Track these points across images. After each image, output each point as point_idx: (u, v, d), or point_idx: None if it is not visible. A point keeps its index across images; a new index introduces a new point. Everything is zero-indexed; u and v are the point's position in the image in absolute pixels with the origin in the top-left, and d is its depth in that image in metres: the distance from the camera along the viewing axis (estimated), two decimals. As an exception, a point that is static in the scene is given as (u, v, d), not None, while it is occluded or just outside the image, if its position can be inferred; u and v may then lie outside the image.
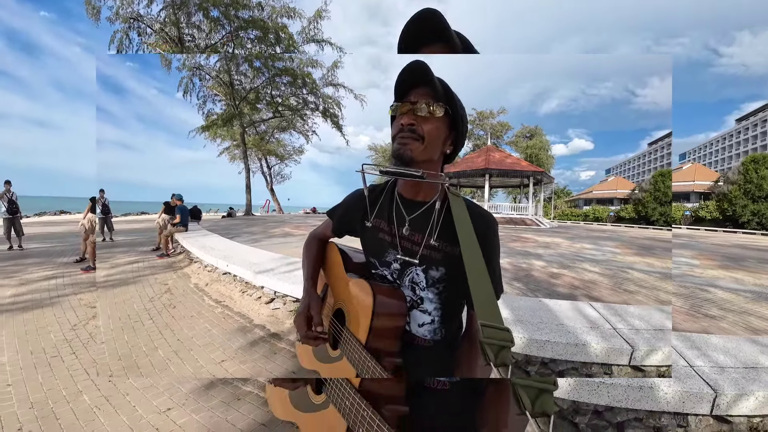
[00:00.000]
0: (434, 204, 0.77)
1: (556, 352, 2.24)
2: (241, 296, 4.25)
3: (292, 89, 19.23)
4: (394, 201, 0.83)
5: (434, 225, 0.76)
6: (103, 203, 9.51)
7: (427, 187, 0.79)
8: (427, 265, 0.76)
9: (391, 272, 0.80)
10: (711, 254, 8.99)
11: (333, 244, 0.99)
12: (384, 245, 0.81)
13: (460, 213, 0.73)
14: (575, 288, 4.31)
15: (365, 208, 0.86)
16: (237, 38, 16.68)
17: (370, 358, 0.66)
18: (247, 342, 3.14)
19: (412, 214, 0.79)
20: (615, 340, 2.24)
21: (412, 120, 0.71)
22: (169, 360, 2.81)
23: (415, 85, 0.72)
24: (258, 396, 2.34)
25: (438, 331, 0.77)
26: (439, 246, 0.75)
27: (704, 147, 77.27)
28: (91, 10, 15.01)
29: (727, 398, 1.74)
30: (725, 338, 2.42)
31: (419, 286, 0.77)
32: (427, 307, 0.77)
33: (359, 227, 0.89)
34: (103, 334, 3.26)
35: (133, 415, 2.12)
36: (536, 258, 6.74)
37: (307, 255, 0.99)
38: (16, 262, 6.46)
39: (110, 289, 4.68)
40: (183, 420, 2.09)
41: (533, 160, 33.36)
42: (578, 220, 34.70)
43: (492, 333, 0.53)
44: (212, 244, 6.31)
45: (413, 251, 0.77)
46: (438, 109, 0.71)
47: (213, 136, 22.10)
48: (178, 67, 17.79)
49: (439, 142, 0.74)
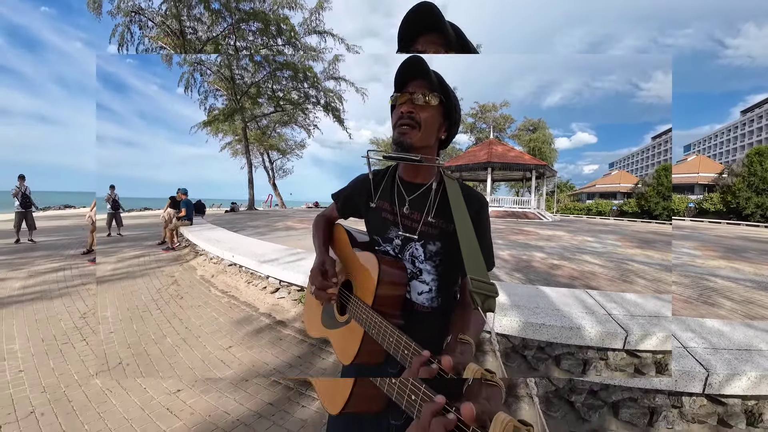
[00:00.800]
0: (431, 185, 0.86)
1: (551, 335, 2.30)
2: (247, 286, 4.33)
3: (294, 83, 19.16)
4: (396, 184, 0.91)
5: (431, 204, 0.85)
6: (114, 199, 9.61)
7: (425, 171, 0.87)
8: (425, 240, 0.84)
9: (393, 247, 0.88)
10: (713, 245, 8.99)
11: (339, 225, 1.07)
12: (387, 223, 0.89)
13: (455, 193, 0.82)
14: (574, 279, 4.36)
15: (369, 190, 0.95)
16: (238, 30, 16.62)
17: (376, 315, 0.74)
18: (253, 329, 3.23)
19: (412, 195, 0.87)
20: (610, 325, 2.29)
21: (410, 108, 0.78)
22: (178, 347, 2.89)
23: (412, 77, 0.80)
24: (263, 378, 2.42)
25: (435, 300, 0.86)
26: (435, 223, 0.84)
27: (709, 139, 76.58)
28: (92, 4, 14.98)
29: (720, 377, 1.80)
30: (720, 322, 2.47)
31: (418, 259, 0.85)
32: (426, 278, 0.85)
33: (364, 208, 0.96)
34: (111, 324, 3.35)
35: (144, 396, 2.21)
36: (537, 250, 6.79)
37: (317, 230, 1.06)
38: (24, 254, 6.57)
39: (118, 282, 4.78)
40: (192, 400, 2.17)
41: (536, 153, 33.17)
42: (581, 214, 34.58)
43: (479, 285, 0.64)
44: (218, 237, 6.40)
45: (413, 228, 0.85)
46: (433, 99, 0.78)
47: (215, 132, 22.15)
48: (179, 63, 17.78)
49: (435, 129, 0.82)
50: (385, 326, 0.69)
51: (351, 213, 1.04)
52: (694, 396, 1.93)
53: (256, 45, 17.31)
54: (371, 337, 0.74)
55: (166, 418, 2.02)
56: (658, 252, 7.20)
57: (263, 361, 2.66)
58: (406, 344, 0.62)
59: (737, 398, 1.90)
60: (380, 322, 0.71)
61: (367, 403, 0.78)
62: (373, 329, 0.74)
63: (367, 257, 0.85)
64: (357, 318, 0.81)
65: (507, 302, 2.74)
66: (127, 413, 2.05)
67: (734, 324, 2.46)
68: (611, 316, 2.44)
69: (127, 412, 2.06)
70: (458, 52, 0.80)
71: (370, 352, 0.79)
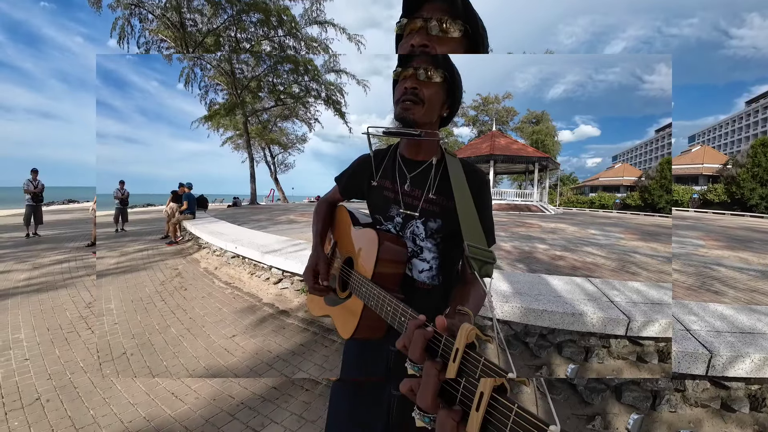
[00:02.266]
0: (432, 162, 0.86)
1: (553, 321, 2.30)
2: (250, 278, 4.35)
3: (294, 76, 19.07)
4: (397, 161, 0.90)
5: (432, 181, 0.84)
6: (122, 195, 9.64)
7: (426, 148, 0.86)
8: (426, 217, 0.83)
9: (394, 225, 0.87)
10: (717, 235, 8.95)
11: (342, 206, 1.07)
12: (388, 201, 0.89)
13: (456, 169, 0.81)
14: (576, 269, 4.35)
15: (371, 169, 0.94)
16: (239, 22, 16.50)
17: (375, 286, 0.73)
18: (256, 319, 3.25)
19: (413, 172, 0.87)
20: (612, 311, 2.29)
21: (414, 84, 0.75)
22: (182, 336, 2.92)
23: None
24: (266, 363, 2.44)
25: (436, 278, 0.85)
26: (436, 200, 0.83)
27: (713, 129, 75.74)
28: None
29: (723, 359, 1.79)
30: (723, 306, 2.46)
31: (419, 237, 0.84)
32: (426, 256, 0.84)
33: (366, 187, 0.96)
34: (116, 315, 3.38)
35: (149, 382, 2.23)
36: (540, 242, 6.77)
37: (317, 216, 1.05)
38: (30, 247, 6.62)
39: (122, 275, 4.81)
40: (197, 385, 2.20)
41: (539, 146, 32.90)
42: (584, 207, 34.38)
43: (476, 251, 0.64)
44: (221, 230, 6.42)
45: (414, 205, 0.85)
46: (437, 76, 0.76)
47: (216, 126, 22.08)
48: (179, 58, 17.72)
49: (438, 106, 0.79)
50: (383, 296, 0.69)
51: (353, 193, 1.03)
52: (697, 379, 1.93)
53: (257, 36, 17.18)
54: (371, 310, 0.74)
55: (171, 403, 2.04)
56: (660, 243, 7.17)
57: (267, 349, 2.69)
58: (403, 311, 0.62)
59: (740, 381, 1.90)
60: (379, 293, 0.71)
61: (372, 330, 0.80)
62: (371, 301, 0.74)
63: (367, 233, 0.86)
64: (357, 292, 0.82)
65: (509, 290, 2.74)
66: (133, 398, 2.08)
67: (737, 308, 2.45)
68: (613, 303, 2.44)
69: (132, 398, 2.09)
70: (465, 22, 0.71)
71: (369, 327, 0.79)
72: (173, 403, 2.04)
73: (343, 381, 0.95)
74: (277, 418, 1.94)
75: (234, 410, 1.99)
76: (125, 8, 15.07)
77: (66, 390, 2.19)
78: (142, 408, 2.00)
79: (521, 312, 2.37)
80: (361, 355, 0.94)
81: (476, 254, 0.63)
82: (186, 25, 16.14)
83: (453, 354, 0.41)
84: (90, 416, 1.94)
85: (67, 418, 1.91)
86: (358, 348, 0.95)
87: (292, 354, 2.63)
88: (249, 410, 1.99)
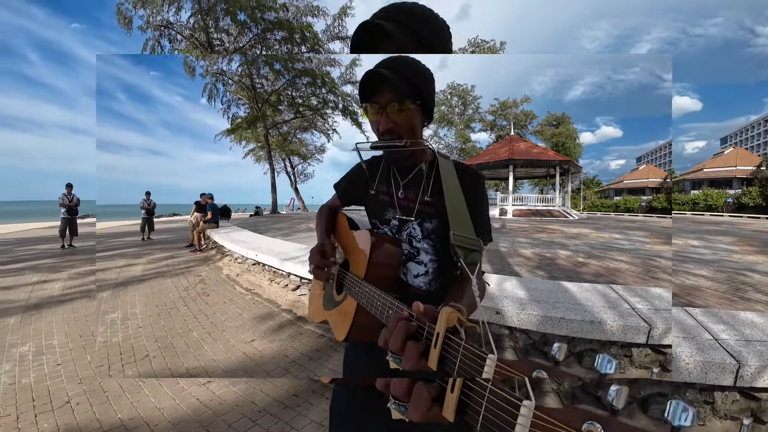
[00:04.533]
0: (422, 167, 0.88)
1: (571, 330, 2.24)
2: (270, 284, 4.46)
3: (312, 89, 19.55)
4: (391, 169, 0.93)
5: (426, 184, 0.86)
6: (148, 206, 10.11)
7: (417, 153, 0.87)
8: (422, 218, 0.85)
9: (390, 228, 0.89)
10: (751, 240, 8.45)
11: (341, 212, 1.11)
12: (384, 205, 0.91)
13: (448, 170, 0.83)
14: (599, 276, 4.22)
15: (367, 178, 0.97)
16: (264, 40, 17.13)
17: (367, 284, 0.75)
18: (275, 324, 3.33)
19: (406, 178, 0.89)
20: (632, 318, 2.22)
21: (389, 125, 0.78)
22: (203, 340, 3.02)
23: (377, 91, 0.77)
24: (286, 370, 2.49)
25: (433, 283, 0.85)
26: (431, 201, 0.84)
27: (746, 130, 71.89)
28: (123, 19, 15.88)
29: (752, 369, 1.71)
30: (754, 314, 2.34)
31: (415, 239, 0.85)
32: (423, 258, 0.84)
33: (363, 194, 0.98)
34: (140, 319, 3.55)
35: (175, 387, 2.32)
36: (561, 247, 6.60)
37: (319, 219, 1.09)
38: (65, 258, 7.01)
39: (147, 281, 5.03)
40: (221, 391, 2.27)
41: (560, 149, 32.15)
42: (608, 211, 33.12)
43: (462, 239, 0.65)
44: (242, 238, 6.62)
45: (409, 208, 0.86)
46: (407, 105, 0.77)
47: (238, 139, 22.84)
48: (202, 74, 18.49)
49: (417, 126, 0.81)
50: (374, 292, 0.69)
51: (352, 200, 1.06)
52: (726, 391, 1.84)
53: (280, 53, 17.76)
54: (364, 310, 0.74)
55: (195, 407, 2.11)
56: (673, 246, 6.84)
57: (284, 354, 2.75)
58: (391, 304, 0.62)
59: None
60: (370, 290, 0.71)
61: (365, 331, 0.81)
62: (364, 298, 0.74)
63: (361, 234, 0.89)
64: (351, 293, 0.83)
65: (526, 297, 2.69)
66: (159, 402, 2.16)
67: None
68: (634, 310, 2.36)
69: (158, 402, 2.17)
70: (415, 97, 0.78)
71: (363, 327, 0.80)
72: (198, 408, 2.10)
73: (344, 384, 0.96)
74: (297, 424, 1.97)
75: (256, 416, 2.04)
76: (155, 29, 15.95)
77: (96, 394, 2.27)
78: (168, 412, 2.07)
79: (538, 320, 2.33)
80: (360, 359, 0.95)
81: (462, 242, 0.64)
82: (213, 44, 16.90)
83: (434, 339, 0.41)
84: (117, 419, 2.01)
85: (95, 421, 1.99)
86: (357, 351, 0.97)
87: (309, 359, 2.68)
88: (270, 416, 2.04)
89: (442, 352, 0.41)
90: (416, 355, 0.43)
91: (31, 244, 9.21)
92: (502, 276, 3.29)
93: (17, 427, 1.95)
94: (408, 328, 0.46)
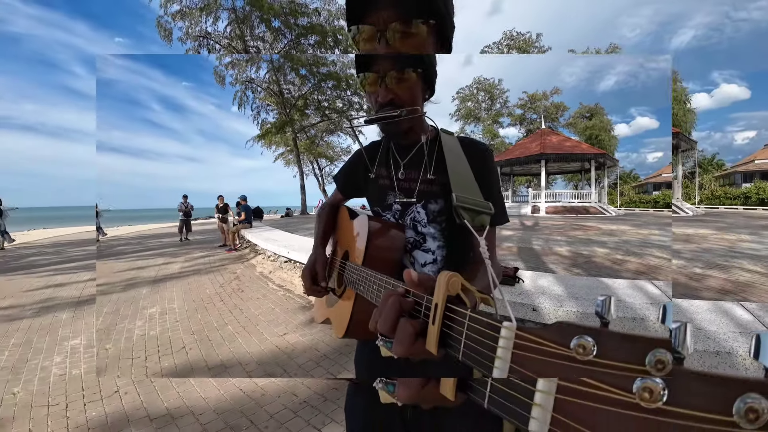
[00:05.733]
0: (423, 142, 0.79)
1: (612, 327, 2.11)
2: (301, 281, 4.57)
3: (337, 92, 19.89)
4: (390, 150, 0.86)
5: (428, 161, 0.78)
6: (186, 208, 10.72)
7: (417, 129, 0.79)
8: (426, 200, 0.77)
9: (393, 213, 0.81)
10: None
11: (343, 206, 1.02)
12: (385, 189, 0.83)
13: (452, 144, 0.76)
14: (640, 273, 3.98)
15: (365, 162, 0.89)
16: (298, 45, 17.66)
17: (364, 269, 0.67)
18: (306, 319, 3.41)
19: (406, 157, 0.82)
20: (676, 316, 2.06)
21: (389, 97, 0.69)
22: (237, 333, 3.14)
23: (372, 6, 0.62)
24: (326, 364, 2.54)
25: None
26: (435, 179, 0.76)
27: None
28: (163, 32, 16.89)
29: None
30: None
31: (421, 223, 0.77)
32: (430, 245, 0.77)
33: (363, 181, 0.91)
34: (177, 314, 3.75)
35: (221, 378, 2.43)
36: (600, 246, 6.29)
37: (318, 220, 1.01)
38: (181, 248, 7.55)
39: (185, 278, 5.33)
40: (264, 382, 2.35)
41: (594, 142, 30.57)
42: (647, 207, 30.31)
43: (465, 199, 0.59)
44: (275, 237, 6.85)
45: (411, 189, 0.79)
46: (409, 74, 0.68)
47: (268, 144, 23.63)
48: (231, 83, 19.30)
49: (419, 97, 0.73)
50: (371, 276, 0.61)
51: (352, 190, 0.98)
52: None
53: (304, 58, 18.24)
54: (363, 300, 0.67)
55: (239, 398, 2.18)
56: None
57: (315, 348, 2.80)
58: (387, 283, 0.54)
59: None
60: (367, 275, 0.63)
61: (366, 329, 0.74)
62: (361, 286, 0.66)
63: (360, 220, 0.80)
64: (350, 283, 0.75)
65: (564, 293, 2.58)
66: (204, 393, 2.25)
67: None
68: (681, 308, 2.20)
69: (204, 392, 2.26)
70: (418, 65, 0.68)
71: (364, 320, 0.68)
72: (241, 399, 2.17)
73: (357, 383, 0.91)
74: (338, 417, 1.98)
75: (297, 408, 2.08)
76: (194, 40, 16.83)
77: (204, 342, 2.99)
78: (212, 402, 2.15)
79: (577, 318, 2.22)
80: (370, 357, 0.88)
81: (466, 203, 0.57)
82: (250, 52, 17.62)
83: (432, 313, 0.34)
84: (219, 360, 2.39)
85: (142, 410, 2.09)
86: (367, 349, 0.90)
87: (339, 353, 2.72)
88: (311, 408, 2.07)
89: (443, 329, 0.33)
90: (409, 335, 0.35)
91: (157, 238, 11.78)
92: (537, 273, 3.18)
93: (145, 365, 2.67)
94: (401, 304, 0.39)
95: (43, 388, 2.34)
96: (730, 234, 7.60)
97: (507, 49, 33.12)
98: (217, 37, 17.35)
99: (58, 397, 2.24)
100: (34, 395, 2.26)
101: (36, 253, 8.91)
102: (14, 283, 5.38)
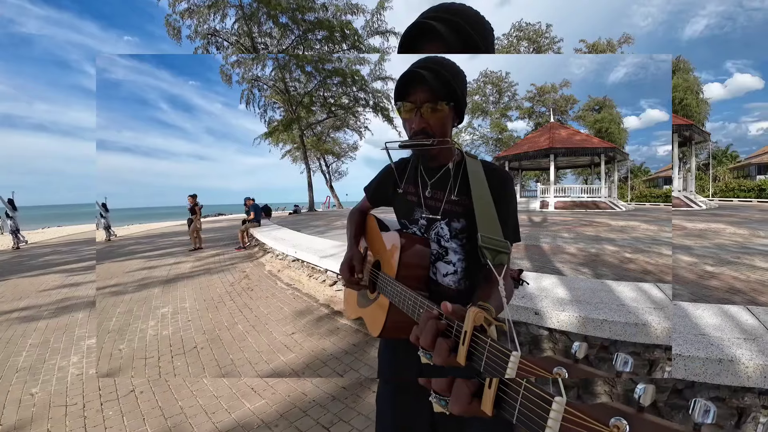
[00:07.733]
0: (450, 166, 0.89)
1: (614, 332, 2.14)
2: (309, 280, 4.65)
3: (343, 88, 19.87)
4: (419, 169, 0.95)
5: (453, 183, 0.88)
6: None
7: (445, 153, 0.89)
8: (450, 218, 0.86)
9: (419, 228, 0.91)
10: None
11: (371, 214, 1.15)
12: (411, 205, 0.93)
13: (476, 170, 0.85)
14: (647, 273, 3.96)
15: (395, 178, 1.00)
16: (306, 41, 17.66)
17: (399, 284, 0.78)
18: (313, 318, 3.49)
19: (433, 178, 0.91)
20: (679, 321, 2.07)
21: (422, 125, 0.80)
22: (247, 333, 3.23)
23: (414, 90, 0.79)
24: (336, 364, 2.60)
25: (462, 282, 0.87)
26: (458, 201, 0.86)
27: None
28: (172, 30, 17.01)
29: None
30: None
31: (444, 238, 0.87)
32: (452, 258, 0.86)
33: (392, 194, 1.01)
34: (189, 313, 3.84)
35: (232, 377, 2.51)
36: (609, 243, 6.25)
37: (350, 222, 1.15)
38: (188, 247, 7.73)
39: (196, 277, 5.45)
40: (274, 381, 2.41)
41: (604, 135, 29.95)
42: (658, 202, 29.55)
43: (489, 240, 0.68)
44: (283, 236, 6.95)
45: (436, 208, 0.88)
46: (441, 106, 0.79)
47: (275, 141, 23.79)
48: (238, 81, 19.39)
49: (448, 127, 0.84)
50: (406, 292, 0.73)
51: (381, 202, 1.09)
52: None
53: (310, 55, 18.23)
54: (397, 308, 0.78)
55: (250, 397, 2.24)
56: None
57: (322, 347, 2.87)
58: (422, 303, 0.65)
59: None
60: (402, 290, 0.75)
61: (399, 328, 0.83)
62: (396, 297, 0.78)
63: (391, 236, 0.92)
64: (384, 292, 0.86)
65: (567, 297, 2.60)
66: (217, 391, 2.31)
67: None
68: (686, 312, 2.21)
69: (216, 390, 2.32)
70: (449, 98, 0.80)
71: (396, 324, 0.83)
72: (252, 398, 2.23)
73: (387, 385, 1.00)
74: (346, 416, 2.03)
75: (306, 407, 2.12)
76: (202, 38, 16.93)
77: (215, 342, 3.05)
78: (225, 400, 2.20)
79: (579, 322, 2.24)
80: (395, 356, 0.98)
81: (489, 243, 0.67)
82: (258, 48, 17.68)
83: (462, 337, 0.46)
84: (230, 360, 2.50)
85: (157, 408, 2.15)
86: (391, 349, 1.00)
87: (345, 353, 2.78)
88: (320, 407, 2.11)
89: (470, 349, 0.45)
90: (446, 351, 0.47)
91: (167, 237, 11.78)
92: (540, 274, 3.19)
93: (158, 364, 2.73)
94: (438, 326, 0.50)
95: (61, 388, 2.41)
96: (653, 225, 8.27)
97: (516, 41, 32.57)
98: (225, 35, 17.44)
99: (76, 396, 2.31)
100: (52, 395, 2.33)
101: (51, 252, 9.17)
102: (30, 282, 5.57)
